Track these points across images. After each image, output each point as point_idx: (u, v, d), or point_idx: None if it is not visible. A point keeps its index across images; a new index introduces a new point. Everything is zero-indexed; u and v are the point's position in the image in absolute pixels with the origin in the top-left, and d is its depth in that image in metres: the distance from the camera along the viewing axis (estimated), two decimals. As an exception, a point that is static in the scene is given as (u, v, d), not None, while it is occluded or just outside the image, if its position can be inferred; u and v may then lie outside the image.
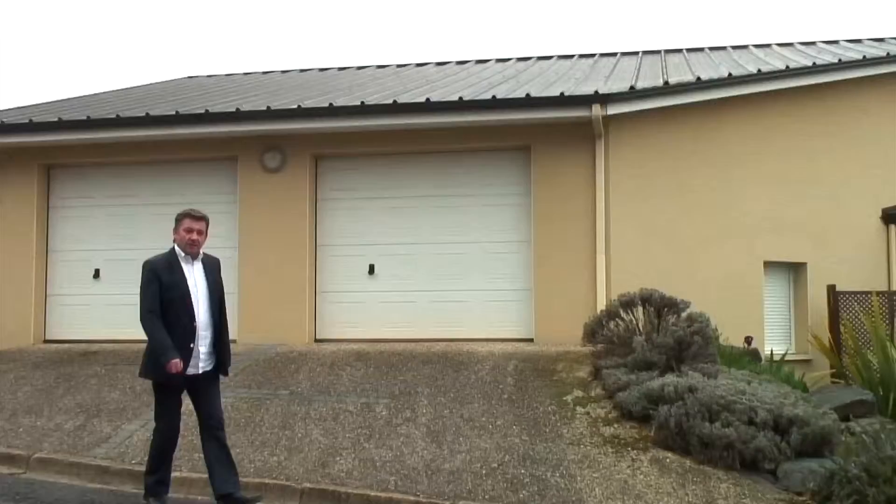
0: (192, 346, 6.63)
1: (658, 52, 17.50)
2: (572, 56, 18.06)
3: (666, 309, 9.80)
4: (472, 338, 11.82)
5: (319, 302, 12.49)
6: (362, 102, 12.15)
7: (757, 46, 17.29)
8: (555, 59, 17.97)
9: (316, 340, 12.30)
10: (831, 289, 12.86)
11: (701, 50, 17.49)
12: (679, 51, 17.52)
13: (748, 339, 11.69)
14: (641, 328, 9.79)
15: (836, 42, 16.70)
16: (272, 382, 9.92)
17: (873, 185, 13.76)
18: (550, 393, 9.21)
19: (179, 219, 6.90)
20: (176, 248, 6.86)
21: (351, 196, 12.61)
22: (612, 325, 10.00)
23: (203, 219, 6.94)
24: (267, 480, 7.44)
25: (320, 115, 12.08)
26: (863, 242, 13.59)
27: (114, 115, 12.69)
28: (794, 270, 13.38)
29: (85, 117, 12.74)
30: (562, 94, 11.73)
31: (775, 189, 12.88)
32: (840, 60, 13.75)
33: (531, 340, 11.69)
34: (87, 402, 9.64)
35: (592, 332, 10.12)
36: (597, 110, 11.34)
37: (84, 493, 7.49)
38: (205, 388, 6.82)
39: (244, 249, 12.45)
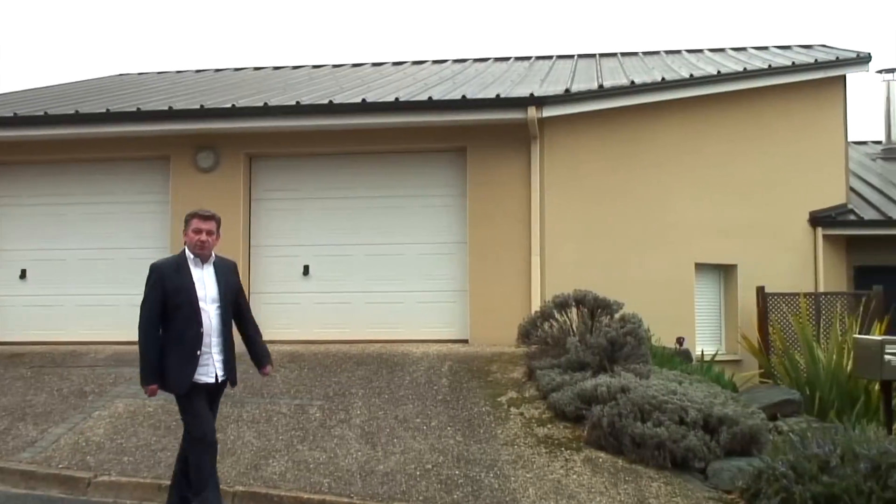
0: (198, 353, 6.27)
1: (593, 55, 17.65)
2: (508, 58, 18.14)
3: (599, 310, 9.89)
4: (407, 339, 11.80)
5: (253, 303, 12.32)
6: (297, 102, 12.09)
7: (690, 52, 17.54)
8: (491, 61, 18.04)
9: (249, 342, 12.17)
10: (760, 290, 13.09)
11: (635, 54, 17.68)
12: (614, 55, 17.69)
13: (679, 340, 11.85)
14: (575, 329, 9.86)
15: (766, 48, 16.99)
16: (204, 384, 9.79)
17: (801, 188, 14.05)
18: (485, 394, 9.24)
19: (188, 219, 6.58)
20: (186, 250, 6.54)
21: (286, 196, 12.52)
22: (546, 326, 10.06)
23: (212, 218, 6.59)
24: (198, 483, 7.34)
25: (254, 114, 11.99)
26: (791, 245, 13.87)
27: (42, 113, 12.44)
28: (725, 272, 13.60)
29: (12, 114, 12.47)
30: (498, 95, 11.79)
31: (707, 192, 13.07)
32: (770, 66, 14.01)
33: (466, 342, 11.71)
34: (12, 405, 9.43)
35: (527, 333, 10.17)
36: (532, 112, 11.40)
37: (8, 499, 7.33)
38: (214, 398, 6.55)
39: (176, 251, 12.26)
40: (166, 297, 6.30)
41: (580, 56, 17.67)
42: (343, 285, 12.26)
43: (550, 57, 17.88)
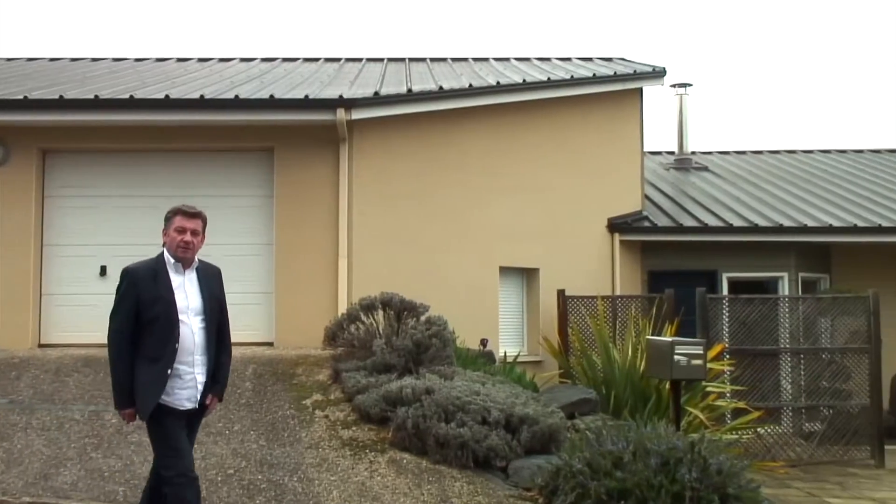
0: (169, 372, 5.41)
1: (403, 60, 17.77)
2: (318, 59, 18.02)
3: (406, 312, 9.95)
4: (211, 342, 11.52)
5: (45, 305, 11.79)
6: (96, 96, 11.61)
7: (497, 59, 17.91)
8: (300, 61, 17.87)
9: (40, 345, 11.60)
10: (561, 293, 13.52)
11: (444, 60, 17.91)
12: (423, 60, 17.86)
13: (483, 342, 12.08)
14: (381, 331, 9.88)
15: (569, 59, 17.56)
16: (-10, 391, 9.27)
17: (601, 195, 14.62)
18: (289, 397, 9.13)
19: (169, 217, 5.70)
20: (165, 253, 5.65)
21: (83, 194, 12.00)
22: (352, 328, 10.04)
23: (198, 216, 5.72)
24: (-19, 496, 6.95)
25: (49, 107, 11.43)
26: (591, 249, 14.40)
27: None
28: (528, 275, 13.96)
29: None
30: (306, 96, 11.69)
31: (512, 197, 13.39)
32: (572, 77, 14.49)
33: (271, 344, 11.55)
34: None
35: (333, 335, 10.12)
36: (341, 114, 11.36)
37: None
38: (192, 426, 5.74)
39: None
40: (140, 308, 5.44)
41: (390, 60, 17.76)
42: (144, 287, 11.83)
43: (360, 59, 17.89)
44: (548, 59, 17.67)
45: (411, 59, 17.80)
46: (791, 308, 13.00)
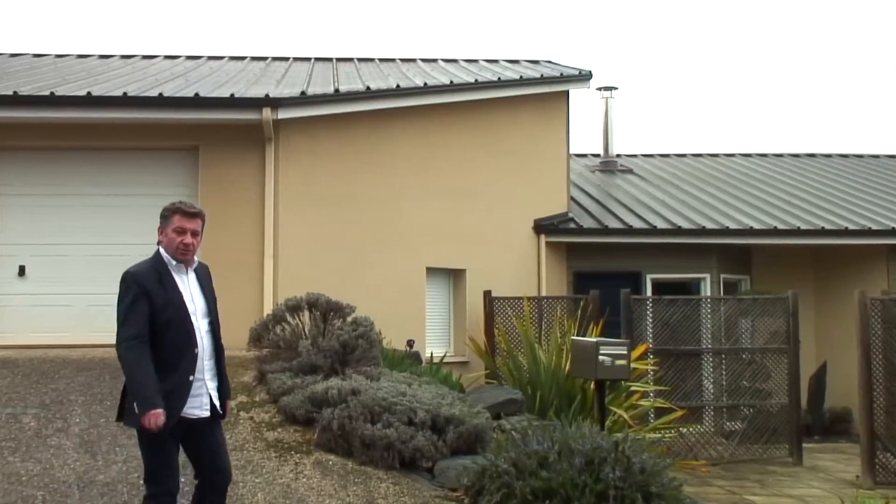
0: (191, 379, 5.16)
1: (330, 59, 17.68)
2: (244, 58, 17.83)
3: (332, 313, 9.90)
4: (132, 343, 11.32)
5: (-39, 306, 11.51)
6: (15, 92, 11.34)
7: (424, 61, 17.92)
8: (226, 59, 17.67)
9: (-44, 347, 11.31)
10: (487, 294, 13.58)
11: (372, 60, 17.87)
12: (350, 60, 17.79)
13: (410, 343, 12.07)
14: (307, 332, 9.81)
15: (496, 62, 17.65)
16: None
17: (527, 197, 14.72)
18: (214, 399, 9.01)
19: (167, 215, 5.38)
20: (162, 252, 5.32)
21: (1, 192, 11.72)
22: (278, 329, 9.95)
23: (198, 215, 5.43)
24: None
25: (-35, 103, 11.16)
26: (517, 251, 14.49)
27: None
28: (455, 276, 14.00)
29: None
30: (232, 95, 11.58)
31: (440, 198, 13.41)
32: (499, 79, 14.57)
33: (194, 346, 11.38)
34: None
35: (259, 336, 10.02)
36: (267, 114, 11.27)
37: None
38: (209, 433, 5.34)
39: None
40: (153, 313, 5.10)
41: (317, 59, 17.65)
42: (63, 287, 11.61)
43: (287, 59, 17.75)
44: (475, 61, 17.74)
45: (339, 60, 17.72)
46: (713, 309, 13.23)
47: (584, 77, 15.79)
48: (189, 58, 17.80)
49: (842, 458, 13.15)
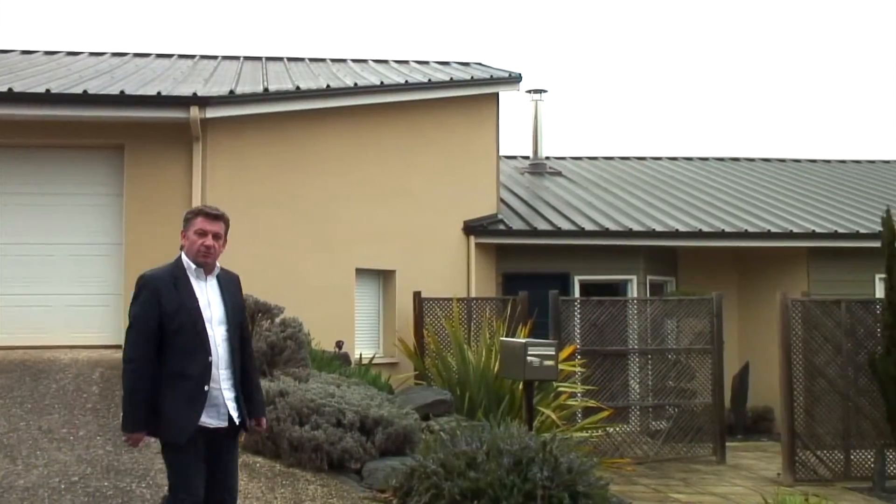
0: (206, 388, 4.98)
1: (259, 58, 17.52)
2: (171, 55, 17.58)
3: (261, 314, 9.83)
4: (56, 345, 11.10)
5: None
6: (-67, 87, 11.05)
7: (355, 61, 17.86)
8: (153, 56, 17.40)
9: None
10: (417, 295, 13.59)
11: (302, 60, 17.75)
12: (280, 59, 17.66)
13: (339, 344, 12.03)
14: (235, 333, 9.71)
15: (427, 63, 17.66)
16: None
17: (457, 198, 14.75)
18: (139, 401, 8.88)
19: (189, 218, 5.24)
20: (183, 257, 5.20)
21: (-84, 190, 11.43)
22: (203, 330, 9.84)
23: (221, 218, 5.24)
24: None
25: None
26: (447, 252, 14.51)
27: None
28: (384, 277, 13.97)
29: None
30: (159, 93, 11.41)
31: (369, 199, 13.37)
32: (430, 80, 14.59)
33: (120, 347, 11.19)
34: None
35: (185, 337, 9.90)
36: (195, 112, 11.12)
37: None
38: (223, 448, 5.15)
39: None
40: (163, 319, 4.97)
41: (246, 58, 17.48)
42: (-19, 288, 11.34)
43: (216, 57, 17.54)
44: (406, 62, 17.73)
45: (268, 59, 17.56)
46: (639, 310, 13.41)
47: (513, 79, 15.89)
48: (115, 55, 17.50)
49: (763, 456, 13.42)
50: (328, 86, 13.02)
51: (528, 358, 8.52)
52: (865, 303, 12.10)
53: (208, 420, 5.01)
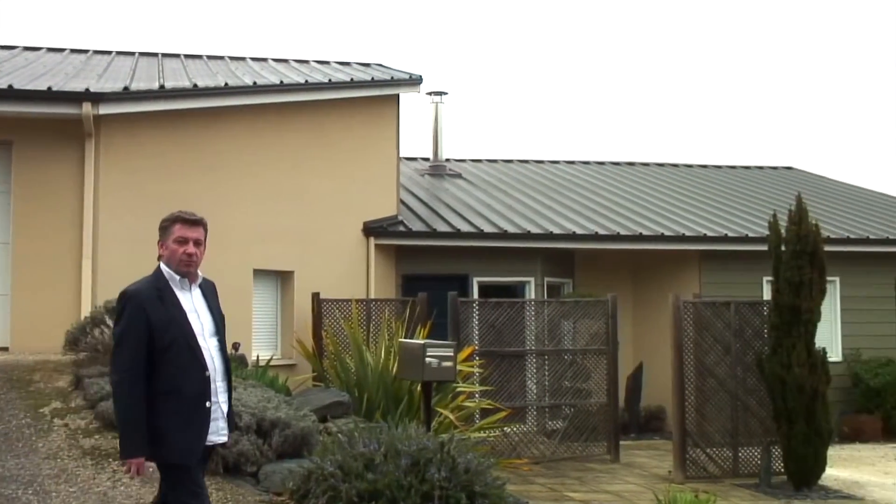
0: (209, 405, 4.77)
1: (155, 54, 17.18)
2: (63, 50, 17.10)
3: (156, 316, 9.63)
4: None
5: None
6: None
7: (254, 59, 17.66)
8: (44, 50, 16.90)
9: None
10: (315, 296, 13.51)
11: (199, 57, 17.47)
12: (177, 55, 17.35)
13: (235, 346, 11.87)
14: (128, 336, 9.51)
15: (327, 63, 17.57)
16: None
17: (357, 199, 14.71)
18: (25, 405, 8.62)
19: (166, 226, 5.01)
20: (163, 268, 4.97)
21: None
22: (96, 332, 9.60)
23: (199, 223, 5.07)
24: None
25: None
26: (346, 253, 14.46)
27: None
28: (282, 278, 13.85)
29: None
30: (49, 88, 11.13)
31: (268, 199, 13.24)
32: (330, 81, 14.52)
33: (6, 349, 10.89)
34: None
35: (75, 340, 9.66)
36: (87, 109, 10.88)
37: None
38: (207, 460, 5.07)
39: None
40: (152, 335, 4.72)
41: (142, 54, 17.12)
42: None
43: (110, 52, 17.14)
44: (306, 62, 17.61)
45: (164, 55, 17.23)
46: (537, 311, 13.56)
47: (414, 81, 15.91)
48: (3, 47, 16.95)
49: (655, 454, 13.72)
50: (226, 84, 12.85)
51: (427, 359, 8.53)
52: (753, 304, 12.48)
53: (211, 437, 4.85)
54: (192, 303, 4.96)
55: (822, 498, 10.71)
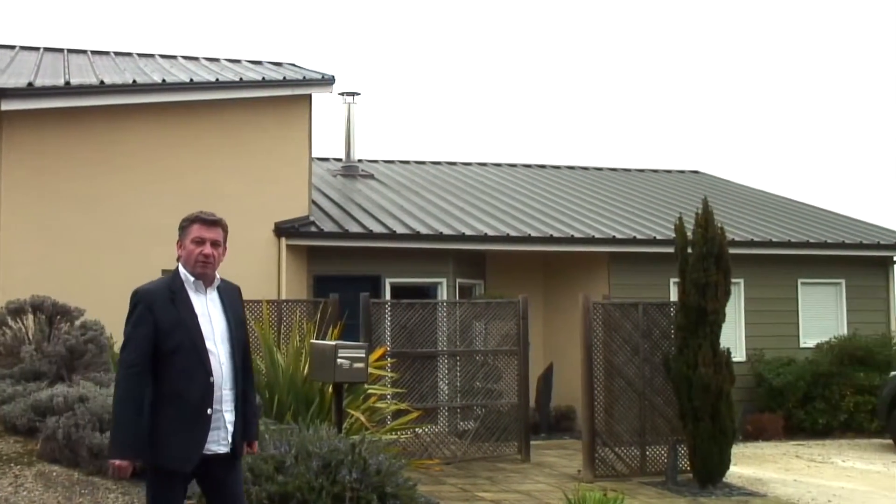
0: (209, 412, 4.60)
1: (61, 50, 16.80)
2: (-36, 44, 16.64)
3: (59, 316, 9.47)
4: None
5: None
6: None
7: (163, 57, 17.39)
8: (-57, 44, 16.43)
9: None
10: (226, 298, 13.31)
11: (107, 54, 17.14)
12: (84, 52, 17.00)
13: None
14: (31, 337, 9.34)
15: (238, 62, 17.39)
16: None
17: (268, 200, 14.59)
18: (-77, 409, 8.36)
19: (185, 226, 4.95)
20: (181, 269, 4.87)
21: None
22: (-2, 333, 9.40)
23: (218, 224, 5.00)
24: None
25: None
26: (257, 254, 14.32)
27: None
28: (192, 279, 13.64)
29: None
30: (-51, 82, 10.80)
31: (176, 198, 12.99)
32: (241, 79, 14.38)
33: None
34: None
35: (-24, 341, 9.42)
36: (-10, 105, 10.61)
37: None
38: (230, 473, 4.80)
39: None
40: (158, 337, 4.61)
41: (47, 49, 16.74)
42: None
43: (13, 47, 16.71)
44: (217, 60, 17.41)
45: (70, 51, 16.87)
46: (449, 312, 13.61)
47: (326, 81, 15.84)
48: None
49: (565, 453, 13.89)
50: (134, 81, 12.65)
51: (339, 360, 8.50)
52: (661, 305, 12.72)
53: (210, 446, 4.68)
54: (205, 306, 4.84)
55: (727, 495, 10.97)
